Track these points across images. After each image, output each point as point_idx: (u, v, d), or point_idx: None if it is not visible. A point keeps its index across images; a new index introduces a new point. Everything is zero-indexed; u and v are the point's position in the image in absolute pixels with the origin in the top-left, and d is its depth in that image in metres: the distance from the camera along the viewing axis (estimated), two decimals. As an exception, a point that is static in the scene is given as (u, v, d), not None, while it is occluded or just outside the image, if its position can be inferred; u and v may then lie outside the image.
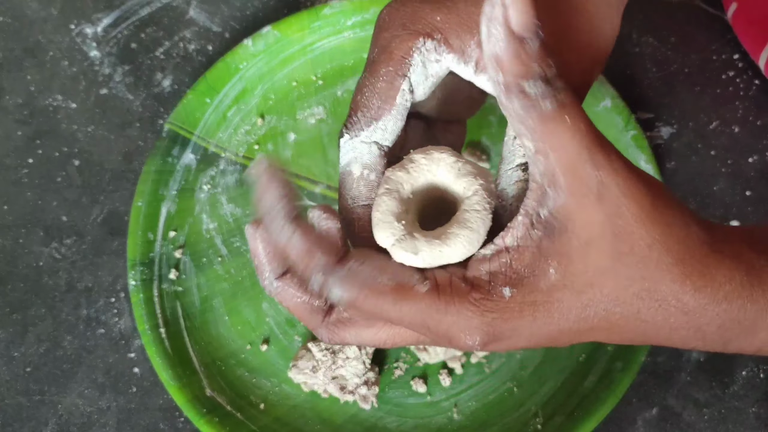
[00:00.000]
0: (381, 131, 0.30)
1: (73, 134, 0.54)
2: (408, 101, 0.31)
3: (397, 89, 0.30)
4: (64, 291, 0.50)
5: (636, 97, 0.53)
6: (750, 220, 0.50)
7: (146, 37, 0.57)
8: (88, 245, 0.51)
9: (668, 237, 0.26)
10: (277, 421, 0.45)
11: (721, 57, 0.55)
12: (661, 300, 0.27)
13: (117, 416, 0.47)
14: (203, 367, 0.46)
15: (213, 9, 0.58)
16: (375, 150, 0.30)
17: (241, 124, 0.53)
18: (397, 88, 0.30)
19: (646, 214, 0.26)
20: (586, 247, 0.26)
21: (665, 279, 0.26)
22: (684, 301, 0.27)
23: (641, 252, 0.26)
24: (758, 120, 0.53)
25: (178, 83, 0.55)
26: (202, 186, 0.51)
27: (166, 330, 0.47)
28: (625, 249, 0.26)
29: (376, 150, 0.31)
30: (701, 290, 0.27)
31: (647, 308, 0.27)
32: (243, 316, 0.48)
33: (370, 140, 0.30)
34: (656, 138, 0.53)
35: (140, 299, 0.47)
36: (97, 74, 0.56)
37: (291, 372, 0.45)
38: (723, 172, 0.51)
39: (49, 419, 0.47)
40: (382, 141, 0.31)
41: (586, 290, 0.26)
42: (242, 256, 0.50)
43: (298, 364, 0.45)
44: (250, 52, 0.53)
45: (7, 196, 0.52)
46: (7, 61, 0.56)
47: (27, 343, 0.49)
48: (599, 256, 0.26)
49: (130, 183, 0.52)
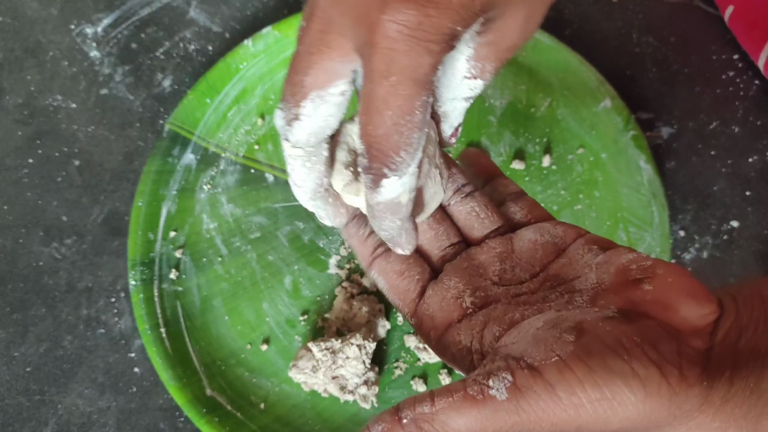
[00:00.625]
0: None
1: (74, 134, 0.54)
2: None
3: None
4: (65, 291, 0.50)
5: (636, 97, 0.53)
6: (750, 220, 0.50)
7: (146, 37, 0.57)
8: (89, 245, 0.51)
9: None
10: (277, 420, 0.45)
11: (721, 57, 0.55)
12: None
13: (117, 416, 0.47)
14: (203, 367, 0.46)
15: (213, 9, 0.58)
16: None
17: (241, 124, 0.53)
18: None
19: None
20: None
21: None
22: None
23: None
24: (758, 120, 0.52)
25: (178, 83, 0.55)
26: (202, 186, 0.51)
27: (167, 330, 0.47)
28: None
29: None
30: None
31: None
32: (243, 316, 0.48)
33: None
34: (656, 138, 0.53)
35: (140, 299, 0.47)
36: (97, 74, 0.56)
37: (291, 372, 0.45)
38: (723, 172, 0.51)
39: (49, 419, 0.47)
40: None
41: None
42: (242, 256, 0.50)
43: (299, 363, 0.45)
44: (251, 52, 0.53)
45: (7, 196, 0.52)
46: (7, 61, 0.56)
47: (27, 343, 0.49)
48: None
49: (131, 183, 0.52)
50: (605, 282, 0.28)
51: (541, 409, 0.24)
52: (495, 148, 0.52)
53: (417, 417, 0.25)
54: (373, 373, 0.45)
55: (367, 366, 0.45)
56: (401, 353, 0.47)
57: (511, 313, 0.29)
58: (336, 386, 0.45)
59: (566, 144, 0.51)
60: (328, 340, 0.45)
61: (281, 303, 0.49)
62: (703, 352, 0.25)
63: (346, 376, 0.45)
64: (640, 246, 0.48)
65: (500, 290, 0.31)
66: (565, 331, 0.26)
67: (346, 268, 0.49)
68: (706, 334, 0.26)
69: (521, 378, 0.24)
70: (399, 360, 0.47)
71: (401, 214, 0.29)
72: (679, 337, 0.25)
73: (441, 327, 0.31)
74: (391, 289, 0.33)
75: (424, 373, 0.47)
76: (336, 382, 0.45)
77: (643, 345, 0.25)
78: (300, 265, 0.50)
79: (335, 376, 0.45)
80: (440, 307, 0.31)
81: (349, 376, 0.45)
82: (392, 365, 0.47)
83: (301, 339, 0.48)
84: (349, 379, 0.45)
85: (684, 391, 0.24)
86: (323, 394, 0.46)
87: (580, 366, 0.24)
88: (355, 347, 0.44)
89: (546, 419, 0.24)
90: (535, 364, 0.25)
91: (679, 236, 0.50)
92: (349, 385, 0.45)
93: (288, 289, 0.49)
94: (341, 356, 0.44)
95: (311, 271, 0.49)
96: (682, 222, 0.50)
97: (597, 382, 0.24)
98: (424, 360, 0.47)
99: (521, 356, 0.25)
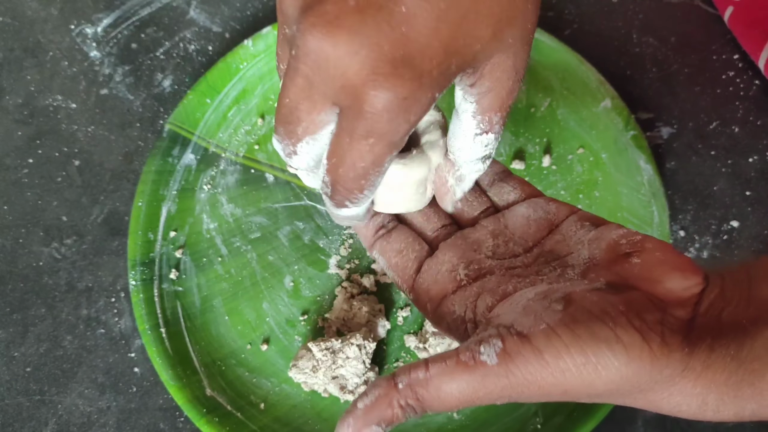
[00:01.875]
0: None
1: (74, 134, 0.54)
2: None
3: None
4: (64, 291, 0.50)
5: (636, 97, 0.53)
6: (750, 220, 0.50)
7: (146, 37, 0.57)
8: (89, 245, 0.51)
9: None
10: (277, 421, 0.45)
11: (721, 57, 0.55)
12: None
13: (117, 416, 0.47)
14: (203, 367, 0.46)
15: (213, 9, 0.58)
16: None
17: (241, 124, 0.53)
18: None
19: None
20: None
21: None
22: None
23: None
24: (758, 120, 0.52)
25: (178, 83, 0.55)
26: (202, 186, 0.51)
27: (167, 330, 0.47)
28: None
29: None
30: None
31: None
32: (243, 316, 0.48)
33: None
34: (656, 138, 0.53)
35: (141, 299, 0.47)
36: (97, 74, 0.56)
37: (291, 371, 0.45)
38: (723, 172, 0.51)
39: (49, 419, 0.47)
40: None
41: None
42: (242, 256, 0.50)
43: (299, 363, 0.45)
44: (251, 52, 0.53)
45: (7, 196, 0.52)
46: (7, 61, 0.56)
47: (27, 343, 0.49)
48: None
49: (131, 183, 0.52)
50: (597, 257, 0.30)
51: (530, 373, 0.25)
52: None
53: (412, 382, 0.26)
54: (373, 373, 0.45)
55: (367, 366, 0.45)
56: (401, 353, 0.47)
57: (505, 285, 0.30)
58: (336, 386, 0.45)
59: (566, 144, 0.51)
60: (328, 340, 0.45)
61: (281, 303, 0.49)
62: (686, 322, 0.27)
63: (346, 376, 0.45)
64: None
65: (494, 263, 0.32)
66: (555, 301, 0.27)
67: (346, 268, 0.49)
68: (690, 305, 0.27)
69: (511, 344, 0.26)
70: (399, 360, 0.47)
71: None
72: (664, 307, 0.27)
73: (436, 299, 0.32)
74: (391, 267, 0.34)
75: (424, 373, 0.47)
76: (336, 382, 0.45)
77: (627, 313, 0.26)
78: (300, 265, 0.50)
79: (335, 375, 0.45)
80: (435, 280, 0.32)
81: (349, 376, 0.45)
82: (392, 365, 0.47)
83: (301, 339, 0.48)
84: (349, 378, 0.45)
85: (665, 357, 0.26)
86: (323, 394, 0.46)
87: (567, 332, 0.25)
88: (355, 347, 0.44)
89: (534, 383, 0.25)
90: (525, 331, 0.26)
91: (679, 236, 0.50)
92: (349, 384, 0.45)
93: (288, 289, 0.49)
94: (341, 356, 0.44)
95: (311, 271, 0.49)
96: (682, 222, 0.50)
97: (582, 348, 0.25)
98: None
99: (511, 324, 0.27)
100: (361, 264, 0.50)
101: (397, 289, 0.49)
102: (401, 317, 0.48)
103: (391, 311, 0.48)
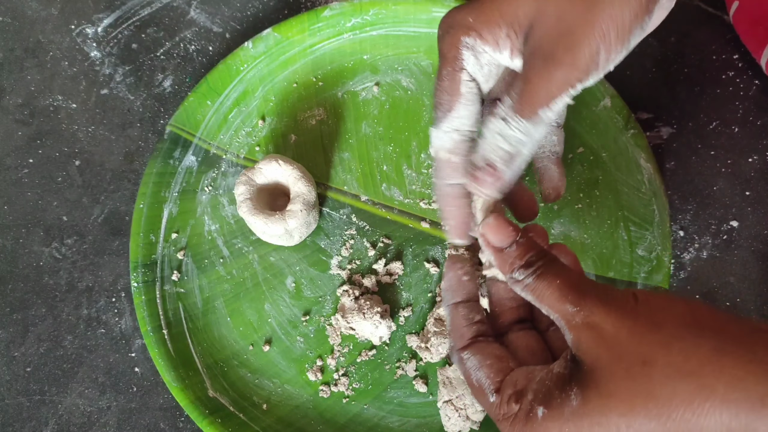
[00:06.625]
0: (458, 119, 0.36)
1: (74, 134, 0.54)
2: (473, 89, 0.36)
3: (459, 82, 0.35)
4: (65, 291, 0.50)
5: (636, 97, 0.53)
6: (750, 220, 0.50)
7: (147, 37, 0.57)
8: (89, 245, 0.51)
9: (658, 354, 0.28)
10: (279, 421, 0.45)
11: (721, 57, 0.55)
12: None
13: (117, 416, 0.47)
14: (206, 368, 0.46)
15: (213, 10, 0.58)
16: (456, 136, 0.36)
17: (242, 125, 0.53)
18: (458, 81, 0.35)
19: (630, 335, 0.28)
20: (592, 373, 0.28)
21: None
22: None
23: (636, 369, 0.28)
24: (758, 120, 0.53)
25: (178, 83, 0.55)
26: (203, 188, 0.51)
27: (169, 332, 0.47)
28: (621, 370, 0.28)
29: (457, 136, 0.36)
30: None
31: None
32: (245, 317, 0.48)
33: (451, 128, 0.36)
34: (656, 138, 0.53)
35: (143, 301, 0.47)
36: (97, 74, 0.56)
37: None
38: (723, 172, 0.52)
39: (49, 419, 0.47)
40: (462, 127, 0.36)
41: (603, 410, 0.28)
42: (244, 258, 0.50)
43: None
44: (251, 54, 0.53)
45: (7, 196, 0.52)
46: (8, 61, 0.56)
47: (27, 343, 0.49)
48: (606, 380, 0.28)
49: (131, 183, 0.52)
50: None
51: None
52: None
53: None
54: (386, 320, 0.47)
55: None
56: (403, 353, 0.47)
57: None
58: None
59: (566, 143, 0.51)
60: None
61: (283, 304, 0.49)
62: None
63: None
64: (641, 244, 0.48)
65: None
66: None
67: (347, 269, 0.49)
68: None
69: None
70: (401, 360, 0.47)
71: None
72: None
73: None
74: (475, 375, 0.35)
75: (425, 373, 0.47)
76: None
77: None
78: (301, 266, 0.50)
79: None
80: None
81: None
82: (394, 365, 0.47)
83: (303, 339, 0.48)
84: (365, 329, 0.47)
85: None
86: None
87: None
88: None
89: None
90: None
91: (678, 236, 0.50)
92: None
93: (290, 289, 0.49)
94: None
95: (313, 272, 0.49)
96: (682, 222, 0.50)
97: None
98: (426, 359, 0.47)
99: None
100: (362, 265, 0.50)
101: (398, 290, 0.49)
102: (402, 317, 0.48)
103: (395, 312, 0.49)
